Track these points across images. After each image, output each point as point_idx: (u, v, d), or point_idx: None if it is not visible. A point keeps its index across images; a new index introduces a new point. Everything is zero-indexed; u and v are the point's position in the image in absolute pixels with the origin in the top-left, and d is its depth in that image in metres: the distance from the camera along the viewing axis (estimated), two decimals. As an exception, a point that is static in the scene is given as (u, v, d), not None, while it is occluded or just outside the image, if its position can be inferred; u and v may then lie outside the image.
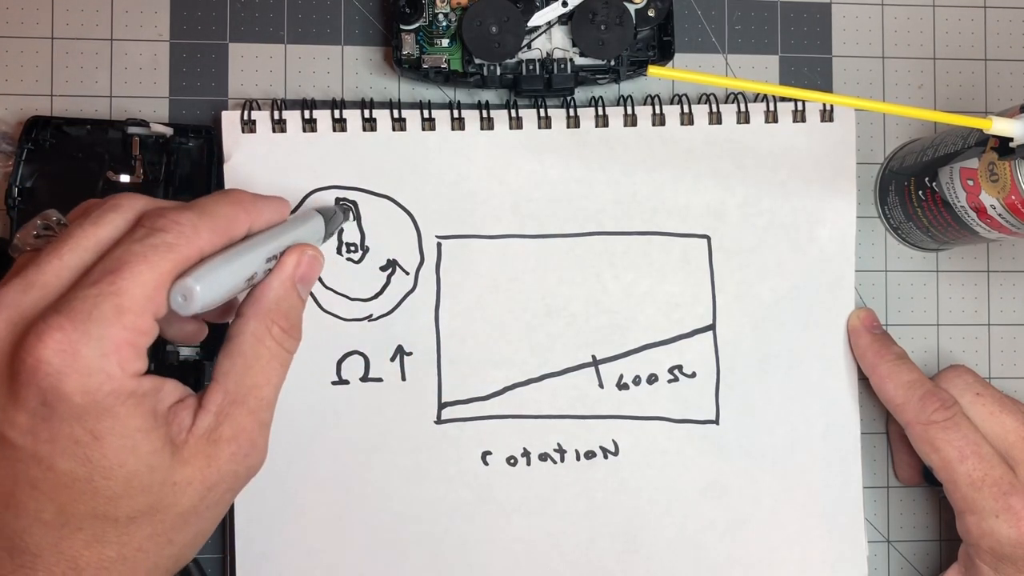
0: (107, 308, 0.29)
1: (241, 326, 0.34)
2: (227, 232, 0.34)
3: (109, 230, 0.32)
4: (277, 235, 0.36)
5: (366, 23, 0.47)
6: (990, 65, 0.50)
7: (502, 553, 0.45)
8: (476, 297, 0.45)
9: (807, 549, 0.46)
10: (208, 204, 0.34)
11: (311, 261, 0.36)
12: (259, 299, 0.35)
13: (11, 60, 0.45)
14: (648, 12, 0.45)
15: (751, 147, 0.46)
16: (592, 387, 0.46)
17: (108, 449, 0.30)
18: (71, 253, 0.31)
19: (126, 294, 0.30)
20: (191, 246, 0.32)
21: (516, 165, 0.45)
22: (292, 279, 0.35)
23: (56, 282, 0.31)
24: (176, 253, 0.31)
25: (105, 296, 0.30)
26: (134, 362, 0.30)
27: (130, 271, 0.30)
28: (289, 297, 0.35)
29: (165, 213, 0.32)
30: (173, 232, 0.31)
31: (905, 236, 0.48)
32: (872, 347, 0.45)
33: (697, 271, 0.46)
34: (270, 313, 0.34)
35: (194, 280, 0.31)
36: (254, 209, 0.35)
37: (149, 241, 0.31)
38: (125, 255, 0.31)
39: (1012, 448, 0.42)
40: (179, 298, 0.31)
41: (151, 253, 0.31)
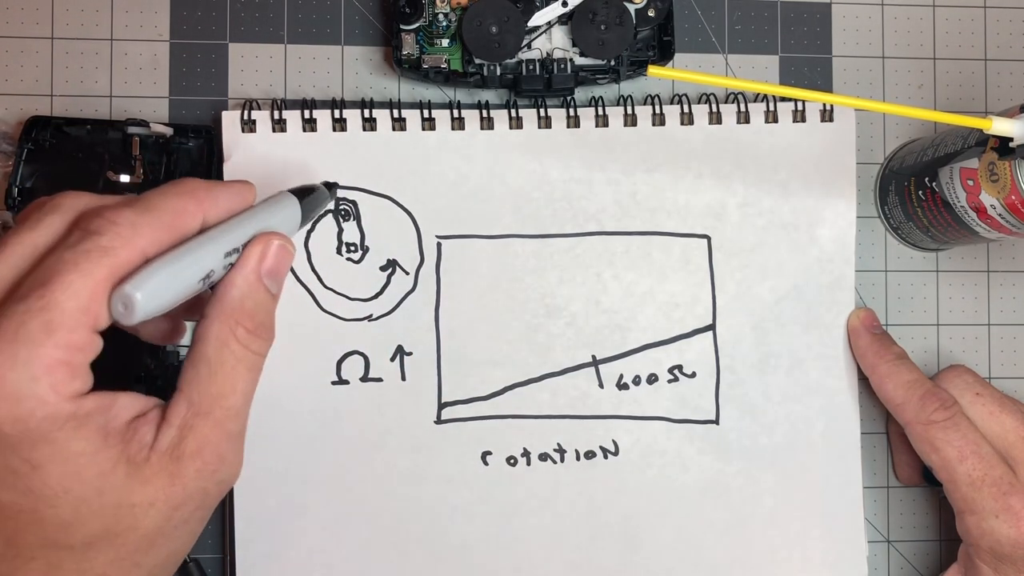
0: (35, 326, 0.27)
1: (204, 329, 0.32)
2: (174, 228, 0.31)
3: (46, 234, 0.30)
4: (237, 226, 0.33)
5: (366, 23, 0.47)
6: (990, 65, 0.50)
7: (502, 553, 0.45)
8: (476, 297, 0.45)
9: (807, 549, 0.46)
10: (152, 198, 0.31)
11: (279, 251, 0.33)
12: (221, 299, 0.32)
13: (11, 60, 0.45)
14: (648, 12, 0.45)
15: (751, 147, 0.46)
16: (592, 387, 0.46)
17: (49, 477, 0.28)
18: (2, 264, 0.29)
19: (56, 308, 0.27)
20: (130, 248, 0.29)
21: (516, 165, 0.45)
22: (257, 273, 0.32)
23: None
24: (112, 257, 0.29)
25: (33, 313, 0.27)
26: (70, 383, 0.28)
27: (60, 282, 0.28)
28: (254, 294, 0.32)
29: (102, 212, 0.30)
30: (108, 234, 0.29)
31: (905, 236, 0.48)
32: (872, 347, 0.45)
33: (697, 271, 0.46)
34: (234, 313, 0.32)
35: (132, 287, 0.28)
36: (208, 198, 0.32)
37: (82, 246, 0.28)
38: (56, 264, 0.28)
39: (1012, 448, 0.42)
40: (119, 307, 0.29)
41: (83, 260, 0.28)
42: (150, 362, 0.43)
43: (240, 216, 0.33)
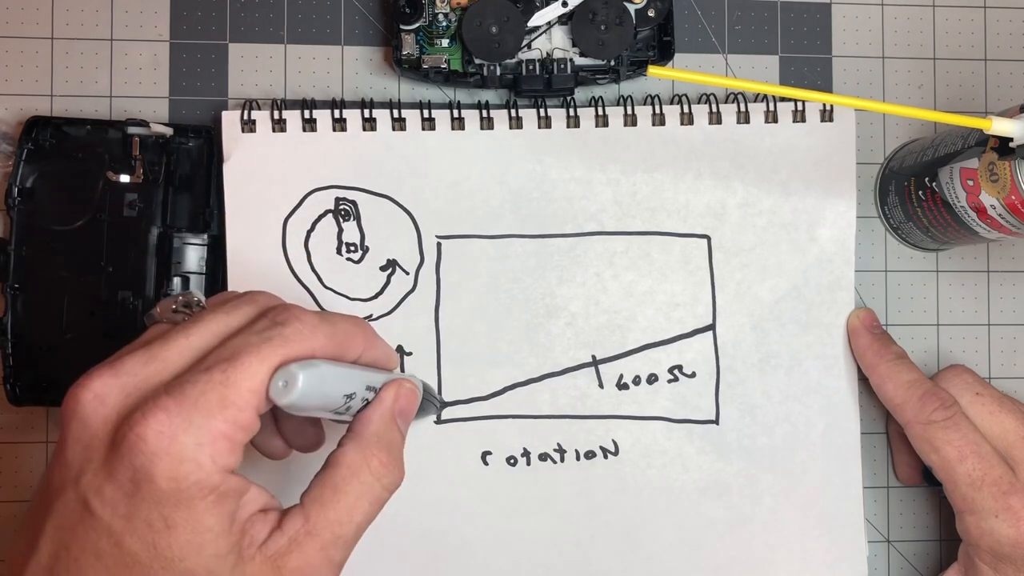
0: (213, 397, 0.29)
1: (339, 456, 0.33)
2: (341, 346, 0.33)
3: (238, 319, 0.32)
4: (379, 371, 0.36)
5: (366, 23, 0.47)
6: (990, 65, 0.50)
7: (502, 553, 0.45)
8: (476, 297, 0.45)
9: (807, 549, 0.46)
10: (334, 315, 0.34)
11: (409, 394, 0.36)
12: (359, 431, 0.34)
13: (11, 60, 0.45)
14: (648, 12, 0.45)
15: (751, 147, 0.46)
16: (592, 387, 0.46)
17: (176, 540, 0.29)
18: (198, 335, 0.31)
19: (233, 385, 0.30)
20: (305, 345, 0.32)
21: (516, 165, 0.45)
22: (392, 412, 0.35)
23: (177, 360, 0.31)
24: (289, 348, 0.31)
25: (214, 385, 0.30)
26: (227, 456, 0.30)
27: (242, 362, 0.30)
28: (390, 431, 0.35)
29: (290, 308, 0.33)
30: (292, 327, 0.32)
31: (905, 236, 0.48)
32: (872, 347, 0.45)
33: (697, 271, 0.46)
34: (370, 446, 0.34)
35: (299, 367, 0.31)
36: (372, 339, 0.35)
37: (266, 333, 0.31)
38: (241, 344, 0.31)
39: (1011, 448, 0.42)
40: (280, 383, 0.30)
41: (265, 345, 0.31)
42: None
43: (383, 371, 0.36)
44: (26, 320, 0.43)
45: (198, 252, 0.44)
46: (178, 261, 0.44)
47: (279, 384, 0.30)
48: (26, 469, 0.45)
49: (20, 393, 0.43)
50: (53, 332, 0.43)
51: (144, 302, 0.43)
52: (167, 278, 0.43)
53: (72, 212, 0.43)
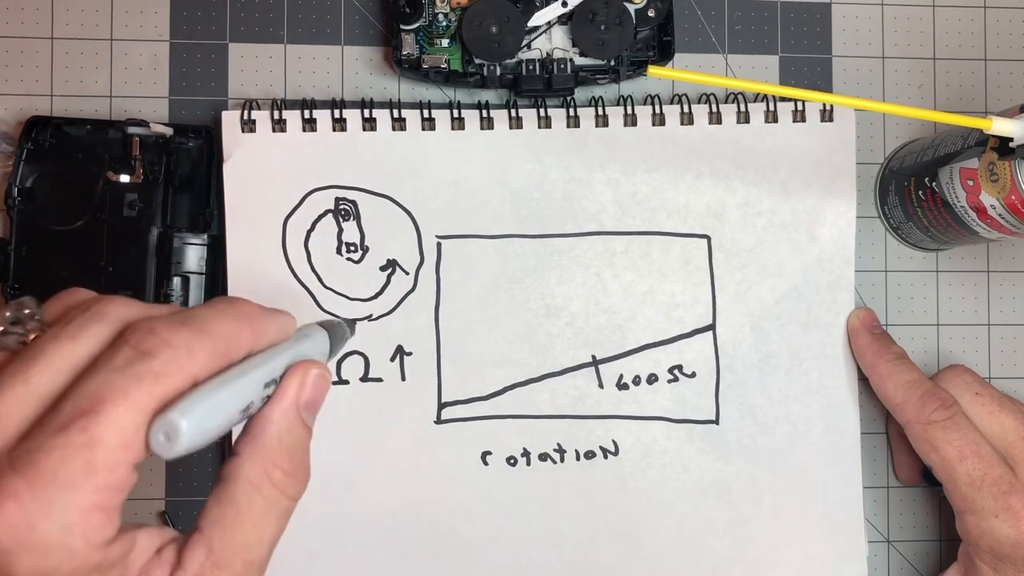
0: (76, 467, 0.24)
1: (235, 468, 0.28)
2: (226, 355, 0.28)
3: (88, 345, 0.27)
4: (276, 354, 0.30)
5: (366, 23, 0.47)
6: (990, 65, 0.50)
7: (502, 553, 0.45)
8: (476, 297, 0.45)
9: (807, 549, 0.46)
10: (208, 319, 0.28)
11: (317, 381, 0.30)
12: (257, 436, 0.29)
13: (11, 60, 0.45)
14: (648, 12, 0.45)
15: (751, 147, 0.46)
16: (592, 387, 0.46)
17: None
18: (40, 376, 0.26)
19: (99, 445, 0.24)
20: (182, 374, 0.26)
21: (516, 165, 0.45)
22: (296, 407, 0.30)
23: (19, 414, 0.25)
24: (163, 386, 0.26)
25: (74, 449, 0.24)
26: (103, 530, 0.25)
27: (107, 413, 0.25)
28: (293, 431, 0.29)
29: (156, 330, 0.26)
30: (163, 357, 0.26)
31: (905, 236, 0.48)
32: (872, 347, 0.45)
33: (697, 271, 0.46)
34: (271, 453, 0.29)
35: (179, 414, 0.25)
36: (260, 326, 0.30)
37: (132, 370, 0.25)
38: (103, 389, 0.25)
39: (1011, 448, 0.42)
40: (160, 437, 0.25)
41: (134, 387, 0.25)
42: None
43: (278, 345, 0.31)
44: (26, 320, 0.43)
45: (198, 252, 0.44)
46: (178, 261, 0.44)
47: (159, 438, 0.25)
48: (26, 469, 0.45)
49: (20, 393, 0.43)
50: (53, 332, 0.43)
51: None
52: (167, 278, 0.43)
53: (72, 212, 0.43)
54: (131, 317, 0.28)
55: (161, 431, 0.25)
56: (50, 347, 0.26)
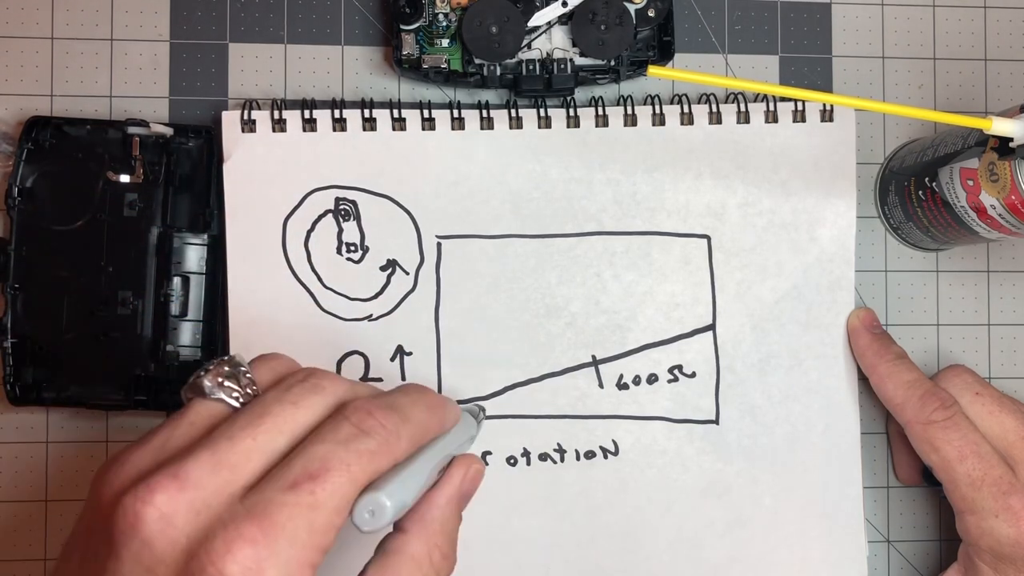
0: (301, 524, 0.27)
1: (402, 544, 0.31)
2: (420, 442, 0.31)
3: (308, 415, 0.30)
4: (449, 444, 0.33)
5: (366, 23, 0.47)
6: (990, 65, 0.50)
7: (502, 553, 0.45)
8: (476, 297, 0.45)
9: (807, 549, 0.46)
10: (406, 407, 0.31)
11: (476, 476, 0.33)
12: (424, 516, 0.31)
13: (11, 60, 0.45)
14: (648, 12, 0.45)
15: (751, 147, 0.46)
16: (592, 387, 0.46)
17: None
18: (267, 436, 0.29)
19: (322, 508, 0.27)
20: (390, 456, 0.29)
21: (516, 165, 0.45)
22: (459, 497, 0.33)
23: (247, 466, 0.28)
24: (376, 464, 0.29)
25: (302, 508, 0.27)
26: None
27: (332, 480, 0.27)
28: (453, 517, 0.32)
29: (373, 412, 0.30)
30: (378, 438, 0.29)
31: (905, 236, 0.48)
32: (872, 347, 0.45)
33: (697, 271, 0.46)
34: (435, 535, 0.31)
35: (387, 495, 0.28)
36: (443, 416, 0.33)
37: (354, 445, 0.28)
38: (329, 457, 0.28)
39: (1011, 448, 0.42)
40: (366, 514, 0.28)
41: (355, 461, 0.28)
42: (151, 363, 0.43)
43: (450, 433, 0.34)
44: (26, 320, 0.43)
45: (198, 252, 0.44)
46: (178, 261, 0.44)
47: (365, 515, 0.28)
48: (26, 469, 0.45)
49: (20, 393, 0.43)
50: (53, 332, 0.43)
51: (144, 302, 0.43)
52: (167, 278, 0.43)
53: (72, 212, 0.43)
54: (344, 394, 0.31)
55: (367, 508, 0.28)
56: (275, 409, 0.29)
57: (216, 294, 0.44)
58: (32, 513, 0.45)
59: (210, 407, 0.30)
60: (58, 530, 0.45)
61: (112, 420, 0.45)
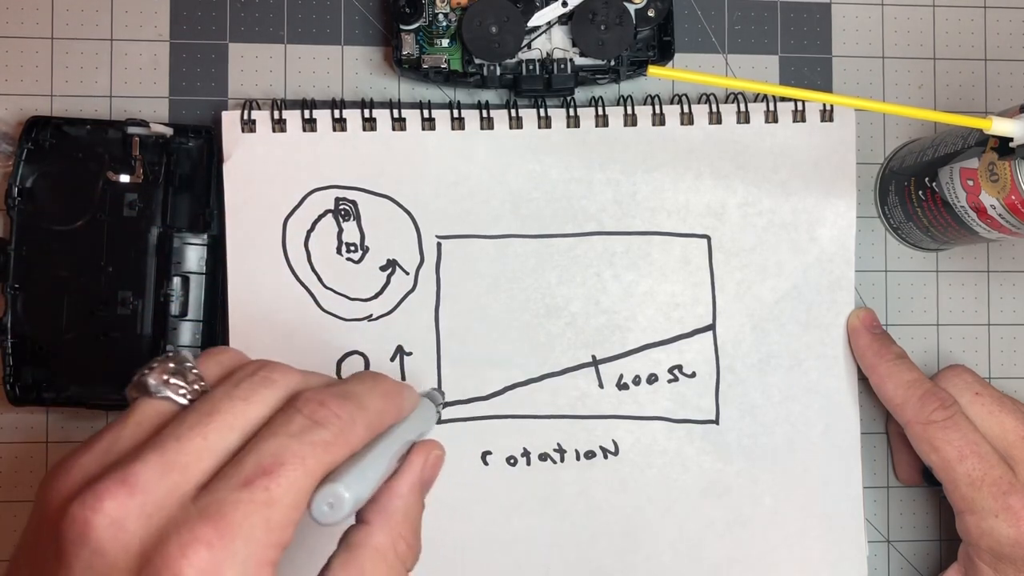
0: (257, 522, 0.26)
1: (364, 536, 0.30)
2: (376, 430, 0.31)
3: (259, 409, 0.29)
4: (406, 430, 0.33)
5: (366, 23, 0.47)
6: (990, 65, 0.50)
7: (502, 553, 0.45)
8: (476, 297, 0.45)
9: (807, 549, 0.46)
10: (362, 395, 0.31)
11: (436, 462, 0.33)
12: (386, 507, 0.31)
13: (11, 60, 0.45)
14: (648, 12, 0.45)
15: (751, 147, 0.46)
16: (592, 387, 0.46)
17: None
18: (217, 434, 0.28)
19: (278, 504, 0.26)
20: (346, 446, 0.29)
21: (516, 165, 0.45)
22: (420, 484, 0.32)
23: (198, 466, 0.27)
24: (331, 455, 0.28)
25: (257, 506, 0.26)
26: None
27: (286, 475, 0.27)
28: (416, 505, 0.32)
29: (326, 402, 0.29)
30: (333, 428, 0.28)
31: (905, 236, 0.48)
32: (872, 347, 0.45)
33: (697, 271, 0.46)
34: (398, 525, 0.31)
35: (345, 487, 0.28)
36: (400, 403, 0.32)
37: (308, 437, 0.28)
38: (282, 452, 0.27)
39: (1011, 448, 0.42)
40: (324, 507, 0.28)
41: (309, 453, 0.27)
42: (150, 362, 0.43)
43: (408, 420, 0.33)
44: (26, 320, 0.43)
45: (198, 252, 0.44)
46: (178, 261, 0.44)
47: (323, 508, 0.28)
48: (26, 469, 0.45)
49: (20, 393, 0.43)
50: (53, 332, 0.43)
51: (144, 302, 0.43)
52: (167, 278, 0.43)
53: (72, 212, 0.43)
54: (295, 386, 0.30)
55: (325, 501, 0.28)
56: (224, 406, 0.29)
57: (216, 294, 0.44)
58: (32, 513, 0.45)
59: (156, 406, 0.29)
60: (58, 530, 0.45)
61: (112, 420, 0.45)
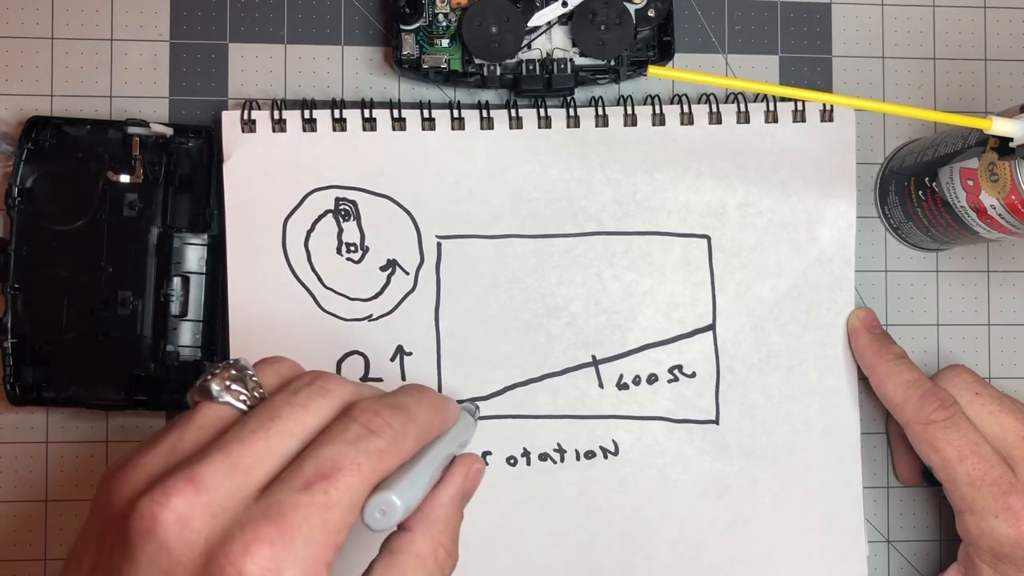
0: (316, 523, 0.27)
1: (407, 543, 0.31)
2: (424, 441, 0.32)
3: (317, 417, 0.30)
4: (451, 442, 0.34)
5: (366, 23, 0.47)
6: (990, 65, 0.50)
7: (502, 553, 0.45)
8: (476, 297, 0.45)
9: (807, 549, 0.46)
10: (411, 407, 0.32)
11: (477, 475, 0.34)
12: (428, 515, 0.32)
13: (11, 60, 0.45)
14: (648, 12, 0.45)
15: (751, 147, 0.46)
16: (592, 387, 0.46)
17: None
18: (278, 439, 0.29)
19: (335, 507, 0.28)
20: (398, 455, 0.30)
21: (516, 165, 0.45)
22: (461, 495, 0.33)
23: (260, 468, 0.28)
24: (386, 463, 0.29)
25: (316, 508, 0.27)
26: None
27: (344, 480, 0.28)
28: (456, 515, 0.33)
29: (380, 412, 0.30)
30: (386, 437, 0.30)
31: (905, 236, 0.48)
32: (871, 347, 0.45)
33: (697, 271, 0.46)
34: (439, 533, 0.32)
35: (397, 495, 0.29)
36: (445, 415, 0.34)
37: (363, 445, 0.29)
38: (340, 458, 0.28)
39: (1011, 448, 0.42)
40: (377, 513, 0.29)
41: (365, 460, 0.29)
42: (151, 363, 0.43)
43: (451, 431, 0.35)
44: (26, 320, 0.43)
45: (198, 252, 0.44)
46: (178, 261, 0.44)
47: (376, 514, 0.29)
48: (26, 469, 0.45)
49: (20, 393, 0.43)
50: (53, 332, 0.43)
51: (144, 302, 0.43)
52: (167, 278, 0.43)
53: (72, 212, 0.43)
54: (350, 396, 0.32)
55: (378, 508, 0.29)
56: (285, 412, 0.30)
57: (216, 294, 0.44)
58: (32, 513, 0.45)
59: (218, 410, 0.31)
60: (58, 530, 0.45)
61: (112, 420, 0.45)
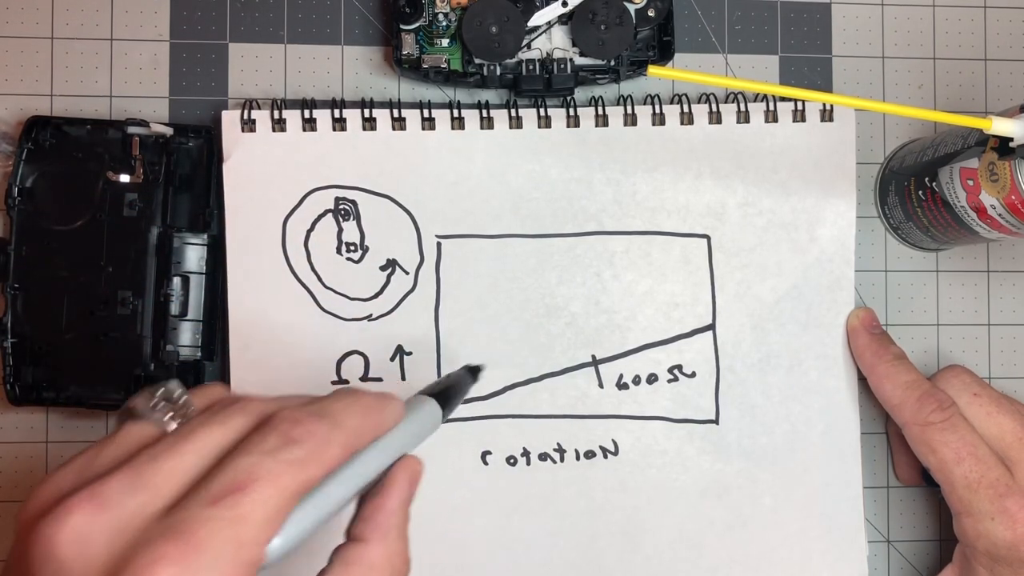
0: (224, 538, 0.26)
1: (363, 553, 0.30)
2: (351, 448, 0.30)
3: (231, 433, 0.29)
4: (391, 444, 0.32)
5: (366, 23, 0.47)
6: (990, 65, 0.50)
7: (502, 553, 0.45)
8: (476, 297, 0.45)
9: (807, 549, 0.46)
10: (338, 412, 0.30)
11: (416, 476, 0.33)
12: (382, 525, 0.31)
13: (11, 60, 0.45)
14: (648, 12, 0.45)
15: (751, 147, 0.46)
16: (592, 387, 0.46)
17: None
18: (191, 455, 0.28)
19: (247, 522, 0.26)
20: (319, 466, 0.28)
21: (516, 165, 0.45)
22: (409, 499, 0.32)
23: (168, 486, 0.27)
24: (306, 473, 0.28)
25: (226, 523, 0.26)
26: None
27: (257, 492, 0.26)
28: (406, 520, 0.32)
29: (301, 420, 0.29)
30: (308, 445, 0.28)
31: (905, 236, 0.48)
32: (871, 347, 0.45)
33: (697, 271, 0.46)
34: (393, 542, 0.31)
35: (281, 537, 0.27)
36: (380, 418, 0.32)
37: (281, 455, 0.27)
38: (254, 469, 0.27)
39: (1009, 449, 0.42)
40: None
41: (283, 471, 0.27)
42: (151, 363, 0.43)
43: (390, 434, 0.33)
44: (26, 320, 0.43)
45: (198, 252, 0.44)
46: (178, 261, 0.44)
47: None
48: (26, 469, 0.45)
49: (20, 393, 0.43)
50: (53, 332, 0.43)
51: (144, 302, 0.43)
52: (167, 278, 0.43)
53: (72, 212, 0.43)
54: (270, 410, 0.30)
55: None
56: (200, 430, 0.28)
57: (216, 294, 0.44)
58: (32, 513, 0.45)
59: (142, 429, 0.29)
60: (58, 530, 0.45)
61: (112, 420, 0.45)
